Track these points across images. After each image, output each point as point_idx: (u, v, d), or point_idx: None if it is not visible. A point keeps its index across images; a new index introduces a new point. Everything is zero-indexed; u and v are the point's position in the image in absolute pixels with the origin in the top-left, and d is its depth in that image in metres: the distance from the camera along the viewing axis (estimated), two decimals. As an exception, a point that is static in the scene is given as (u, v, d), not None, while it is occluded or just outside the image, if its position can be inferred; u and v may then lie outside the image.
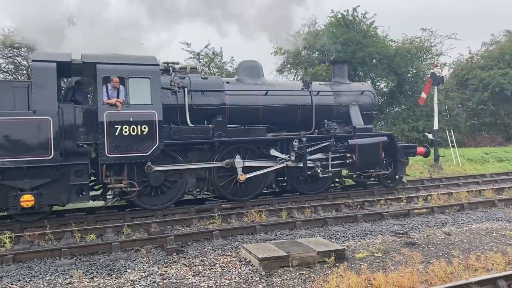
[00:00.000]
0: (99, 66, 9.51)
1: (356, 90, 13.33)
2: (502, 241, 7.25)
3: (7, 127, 8.62)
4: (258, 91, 11.68)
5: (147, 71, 9.78)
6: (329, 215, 9.42)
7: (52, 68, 9.04)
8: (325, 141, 11.73)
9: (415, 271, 5.46)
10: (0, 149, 8.54)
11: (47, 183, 8.98)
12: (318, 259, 6.15)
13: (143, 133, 9.55)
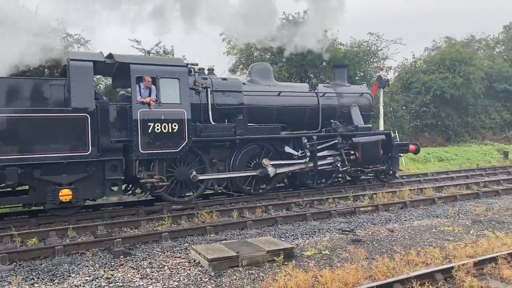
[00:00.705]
0: (133, 66, 9.95)
1: (356, 92, 14.51)
2: (440, 237, 7.66)
3: (48, 124, 8.89)
4: (271, 92, 12.53)
5: (176, 72, 10.36)
6: (279, 214, 9.56)
7: (89, 67, 9.44)
8: (332, 139, 12.74)
9: (359, 268, 5.65)
10: (40, 145, 8.79)
11: (83, 178, 9.35)
12: (268, 258, 6.22)
13: (173, 131, 10.11)
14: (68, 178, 9.16)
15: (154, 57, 10.76)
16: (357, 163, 12.99)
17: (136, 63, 10.08)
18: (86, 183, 9.40)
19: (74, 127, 9.12)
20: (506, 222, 8.68)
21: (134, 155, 9.75)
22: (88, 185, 9.44)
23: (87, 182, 9.41)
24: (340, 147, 12.75)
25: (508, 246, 6.60)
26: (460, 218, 9.18)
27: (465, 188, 12.98)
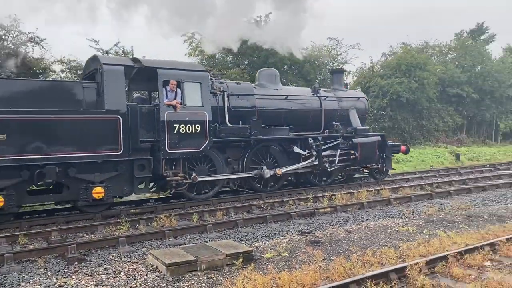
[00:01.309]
0: (160, 71, 10.57)
1: (353, 96, 15.52)
2: (395, 237, 7.89)
3: (83, 124, 9.36)
4: (280, 96, 13.37)
5: (198, 76, 11.06)
6: (240, 217, 9.55)
7: (121, 71, 9.96)
8: (335, 140, 13.66)
9: (317, 269, 5.73)
10: (76, 145, 9.25)
11: (113, 176, 9.85)
12: (227, 262, 6.19)
13: (196, 132, 10.82)
14: (100, 176, 9.66)
15: (179, 62, 11.71)
16: (356, 162, 13.97)
17: (163, 68, 10.69)
18: (116, 181, 9.93)
19: (107, 128, 9.64)
20: (457, 222, 9.06)
21: (162, 155, 10.35)
22: (117, 183, 9.98)
23: (117, 180, 9.95)
24: (341, 148, 13.71)
25: (458, 245, 6.88)
26: (414, 218, 9.50)
27: (420, 189, 13.45)
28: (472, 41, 32.64)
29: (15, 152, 8.65)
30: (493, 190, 13.26)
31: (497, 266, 6.02)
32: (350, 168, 14.22)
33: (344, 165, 13.92)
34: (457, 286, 5.27)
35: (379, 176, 15.19)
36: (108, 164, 9.73)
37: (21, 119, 8.79)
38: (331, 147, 13.59)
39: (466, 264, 6.00)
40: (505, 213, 9.83)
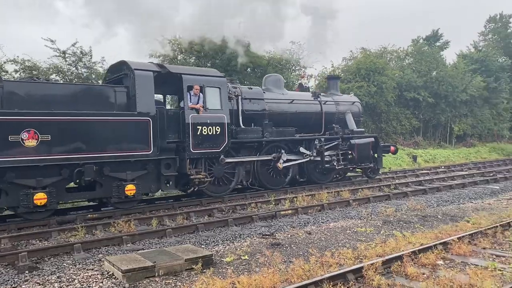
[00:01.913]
0: (185, 76, 11.37)
1: (349, 101, 16.68)
2: (354, 238, 8.05)
3: (117, 126, 10.04)
4: (285, 100, 14.37)
5: (218, 82, 11.91)
6: (200, 221, 9.45)
7: (150, 76, 10.68)
8: (334, 141, 14.70)
9: (277, 271, 5.74)
10: (111, 145, 9.92)
11: (143, 175, 10.56)
12: (186, 267, 6.10)
13: (216, 133, 11.68)
14: (132, 174, 10.34)
15: (200, 68, 13.20)
16: (353, 161, 15.10)
17: (187, 74, 11.55)
18: (145, 179, 10.66)
19: (139, 129, 10.37)
20: (413, 222, 9.34)
21: (186, 154, 11.15)
22: (146, 181, 10.70)
23: (146, 178, 10.68)
24: (340, 148, 14.79)
25: (413, 244, 7.08)
26: (372, 219, 9.72)
27: (378, 190, 13.81)
28: (427, 47, 33.90)
29: (58, 151, 9.29)
30: (447, 191, 13.78)
31: (449, 264, 6.24)
32: (348, 167, 15.42)
33: (342, 164, 14.99)
34: (411, 285, 5.41)
35: (372, 175, 16.18)
36: (138, 163, 10.48)
37: (62, 121, 9.42)
38: (332, 147, 14.66)
39: (420, 263, 6.18)
40: (457, 213, 10.23)
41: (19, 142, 8.84)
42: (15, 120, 8.89)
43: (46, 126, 9.15)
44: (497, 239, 7.52)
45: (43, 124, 9.12)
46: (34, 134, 8.99)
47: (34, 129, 8.99)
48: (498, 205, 11.18)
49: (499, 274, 5.70)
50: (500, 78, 34.18)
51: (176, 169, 11.12)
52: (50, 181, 9.35)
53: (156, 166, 10.83)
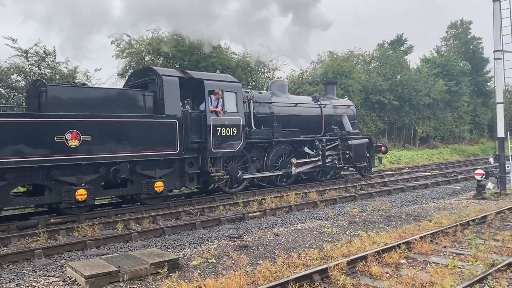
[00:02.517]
0: (206, 82, 12.38)
1: (345, 104, 17.89)
2: (320, 238, 8.14)
3: (148, 127, 10.97)
4: (290, 103, 15.52)
5: (234, 87, 13.03)
6: (167, 224, 9.33)
7: (176, 81, 11.68)
8: (334, 142, 15.88)
9: (243, 274, 5.73)
10: (143, 145, 10.80)
11: (169, 172, 11.45)
12: (151, 271, 6.01)
13: (233, 134, 12.74)
14: (160, 172, 11.22)
15: (219, 74, 14.32)
16: (350, 160, 16.28)
17: (208, 79, 12.58)
18: (171, 177, 11.55)
19: (167, 130, 11.30)
20: (377, 222, 9.55)
21: (208, 154, 12.15)
22: (172, 178, 11.60)
23: (172, 175, 11.57)
24: (340, 148, 16.03)
25: (378, 244, 7.23)
26: (339, 220, 9.87)
27: (344, 191, 14.04)
28: (392, 51, 34.78)
29: (97, 151, 10.10)
30: (410, 191, 14.17)
31: (411, 263, 6.41)
32: (345, 165, 16.70)
33: (341, 163, 16.24)
34: (375, 284, 5.52)
35: (365, 173, 17.45)
36: (166, 162, 11.37)
37: (101, 123, 10.23)
38: (332, 148, 15.85)
39: (384, 263, 6.32)
40: (420, 213, 10.53)
41: (63, 142, 9.65)
42: (61, 122, 9.69)
43: (87, 128, 9.98)
44: (457, 237, 7.78)
45: (85, 126, 9.95)
46: (76, 135, 9.83)
47: (76, 130, 9.82)
48: (459, 205, 11.58)
49: (459, 272, 5.90)
50: (461, 82, 35.46)
51: (198, 167, 12.16)
52: (89, 178, 10.16)
53: (181, 164, 11.79)
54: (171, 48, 21.38)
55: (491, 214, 9.29)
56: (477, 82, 39.24)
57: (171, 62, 23.23)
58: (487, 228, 8.50)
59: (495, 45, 13.20)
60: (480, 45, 40.76)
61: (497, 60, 13.27)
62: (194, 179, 12.11)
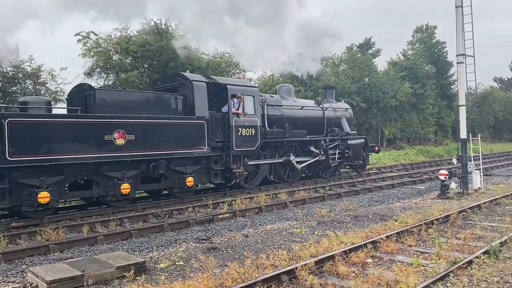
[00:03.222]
0: (229, 87, 13.58)
1: (343, 107, 19.23)
2: (289, 239, 8.19)
3: (182, 127, 12.12)
4: (297, 106, 16.80)
5: (252, 91, 14.33)
6: (134, 227, 9.16)
7: (204, 86, 12.97)
8: (336, 141, 17.22)
9: (211, 276, 5.69)
10: (176, 143, 11.90)
11: (198, 169, 12.62)
12: (117, 275, 5.88)
13: (252, 134, 13.94)
14: (190, 168, 12.37)
15: (239, 80, 16.11)
16: (349, 159, 17.54)
17: (231, 84, 13.79)
18: (200, 172, 12.70)
19: (197, 130, 12.46)
20: (345, 222, 9.68)
21: (231, 152, 13.31)
22: (200, 174, 12.76)
23: (200, 171, 12.72)
24: (340, 148, 17.28)
25: (345, 244, 7.34)
26: (308, 220, 9.95)
27: (314, 191, 14.18)
28: (361, 54, 35.44)
29: (140, 149, 11.19)
30: (377, 191, 14.47)
31: (377, 262, 6.53)
32: (344, 163, 18.10)
33: (341, 161, 17.60)
34: (342, 283, 5.59)
35: (360, 170, 18.80)
36: (195, 159, 12.54)
37: (143, 123, 11.36)
38: (333, 147, 17.17)
39: (351, 262, 6.42)
40: (387, 212, 10.75)
41: (112, 141, 10.67)
42: (110, 123, 10.71)
43: (132, 128, 11.05)
44: (422, 236, 7.99)
45: (130, 126, 11.00)
46: (123, 134, 10.84)
47: (123, 130, 10.83)
48: (424, 204, 11.90)
49: (422, 270, 6.05)
50: (426, 85, 36.47)
51: (222, 164, 13.36)
52: (132, 174, 11.24)
53: (208, 161, 12.96)
54: (139, 47, 21.05)
55: (454, 213, 9.59)
56: (442, 85, 40.43)
57: (140, 62, 22.88)
58: (450, 227, 8.76)
59: (458, 49, 13.66)
60: (444, 49, 42.01)
61: (459, 64, 13.72)
62: (218, 175, 13.33)
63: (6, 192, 9.29)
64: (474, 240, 7.63)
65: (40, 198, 9.40)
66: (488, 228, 8.63)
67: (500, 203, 11.35)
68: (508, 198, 11.91)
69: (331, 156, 17.03)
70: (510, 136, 53.37)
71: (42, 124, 9.75)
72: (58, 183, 9.97)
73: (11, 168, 9.25)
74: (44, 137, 9.66)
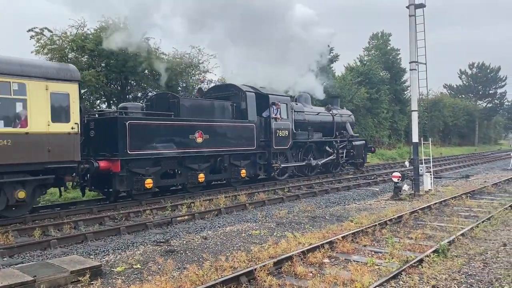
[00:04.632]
0: (270, 96, 16.56)
1: (347, 113, 22.56)
2: (248, 240, 8.24)
3: (238, 129, 15.05)
4: (314, 112, 19.75)
5: (286, 99, 17.41)
6: (90, 230, 8.91)
7: (254, 96, 15.89)
8: (344, 142, 20.56)
9: (170, 279, 5.64)
10: (235, 142, 14.81)
11: (248, 163, 15.51)
12: (72, 279, 5.71)
13: (286, 135, 16.97)
14: (243, 163, 15.32)
15: (276, 90, 17.79)
16: (354, 157, 20.78)
17: (272, 94, 16.79)
18: (249, 166, 15.69)
19: (249, 131, 15.48)
20: (303, 223, 9.85)
21: (271, 150, 16.40)
22: (249, 167, 15.66)
23: (249, 165, 15.69)
24: (348, 148, 20.59)
25: (303, 244, 7.47)
26: (267, 222, 10.05)
27: (273, 193, 14.33)
28: (319, 59, 36.15)
29: (212, 146, 14.06)
30: (334, 193, 14.82)
31: (334, 262, 6.70)
32: (349, 161, 21.05)
33: (347, 159, 20.80)
34: (299, 283, 5.70)
35: (360, 167, 21.87)
36: (246, 155, 15.49)
37: (213, 125, 14.25)
38: (342, 147, 20.41)
39: (308, 262, 6.55)
40: (343, 213, 11.04)
41: (194, 139, 13.51)
42: (193, 125, 13.58)
43: (207, 128, 13.89)
44: (376, 236, 8.27)
45: (205, 127, 13.85)
46: (201, 134, 13.70)
47: (201, 130, 13.68)
48: (378, 206, 12.31)
49: (377, 269, 6.27)
50: (381, 90, 37.73)
51: (264, 159, 16.36)
52: (205, 166, 14.03)
53: (254, 157, 15.89)
54: (96, 45, 20.47)
55: (406, 214, 9.99)
56: (395, 90, 41.93)
57: (97, 61, 22.25)
58: (402, 227, 9.12)
59: (411, 56, 14.26)
60: (398, 56, 43.63)
61: (412, 70, 14.33)
62: (261, 168, 16.36)
63: (124, 178, 11.78)
64: (424, 239, 7.98)
65: (146, 184, 12.16)
66: (437, 228, 9.05)
67: (448, 204, 11.93)
68: (456, 199, 12.54)
69: (341, 154, 20.23)
70: (459, 141, 56.19)
71: (149, 125, 12.57)
72: (157, 172, 12.71)
73: (129, 159, 11.88)
74: (151, 136, 12.42)
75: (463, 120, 54.16)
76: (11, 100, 9.55)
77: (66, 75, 10.45)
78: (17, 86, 9.55)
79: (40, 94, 9.85)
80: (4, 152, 9.14)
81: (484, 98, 63.82)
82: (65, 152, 10.21)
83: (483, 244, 7.60)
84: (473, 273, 6.01)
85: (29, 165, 9.70)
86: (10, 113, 9.62)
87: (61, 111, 10.26)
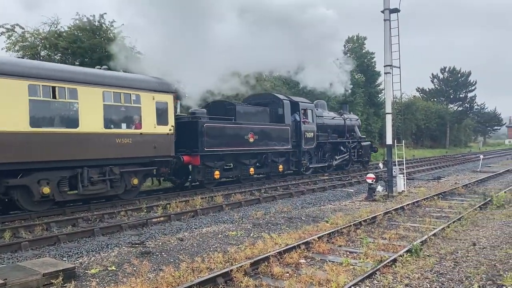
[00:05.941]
0: (300, 104, 19.73)
1: (355, 118, 25.62)
2: (225, 241, 8.23)
3: (277, 131, 18.04)
4: (330, 117, 22.60)
5: (311, 106, 20.47)
6: (63, 232, 8.72)
7: (289, 103, 19.04)
8: (354, 143, 23.79)
9: (145, 281, 5.58)
10: (275, 142, 17.81)
11: (284, 160, 18.55)
12: (44, 282, 5.58)
13: (311, 137, 19.99)
14: (280, 159, 18.22)
15: (304, 99, 21.10)
16: (361, 156, 24.09)
17: (301, 102, 19.91)
18: (284, 163, 18.46)
19: (285, 133, 18.30)
20: (280, 224, 9.91)
21: (301, 149, 19.35)
22: (284, 164, 18.42)
23: (284, 162, 18.46)
24: (358, 148, 23.90)
25: (279, 245, 7.51)
26: (243, 223, 10.06)
27: (249, 194, 14.35)
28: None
29: (259, 145, 16.97)
30: (310, 194, 14.95)
31: (310, 262, 6.77)
32: (357, 159, 24.20)
33: (356, 158, 23.96)
34: (276, 284, 5.73)
35: (366, 165, 24.95)
36: (282, 153, 18.36)
37: (261, 127, 17.16)
38: (353, 147, 23.64)
39: (285, 263, 6.59)
40: (318, 214, 11.15)
41: (248, 139, 16.42)
42: (247, 127, 16.56)
43: (256, 130, 16.86)
44: (351, 237, 8.39)
45: (256, 129, 16.84)
46: (252, 135, 16.59)
47: (253, 132, 16.62)
48: (353, 206, 12.49)
49: (351, 269, 6.36)
50: (356, 93, 38.30)
51: (296, 157, 19.24)
52: (254, 161, 16.96)
53: (288, 155, 18.70)
54: (70, 43, 20.09)
55: (380, 214, 10.18)
56: (370, 93, 42.64)
57: (70, 59, 21.80)
58: (376, 227, 9.28)
59: (386, 60, 14.54)
60: (373, 59, 44.39)
61: (387, 74, 14.61)
62: (293, 165, 19.15)
63: (200, 171, 14.70)
64: (398, 239, 8.15)
65: (215, 175, 15.15)
66: (410, 228, 9.26)
67: (421, 205, 12.21)
68: (428, 200, 12.84)
69: (352, 153, 23.43)
70: (430, 143, 57.56)
71: (218, 127, 15.43)
72: (221, 166, 15.62)
73: (204, 155, 14.75)
74: (219, 136, 15.31)
75: (435, 123, 55.54)
76: (131, 107, 12.29)
77: (165, 88, 13.39)
78: (135, 97, 12.31)
79: (149, 103, 12.67)
80: (127, 148, 11.94)
81: (455, 101, 65.55)
82: (165, 149, 13.10)
83: (453, 243, 7.82)
84: (444, 272, 6.17)
85: (142, 158, 12.55)
86: (130, 118, 12.32)
87: (162, 116, 13.06)
